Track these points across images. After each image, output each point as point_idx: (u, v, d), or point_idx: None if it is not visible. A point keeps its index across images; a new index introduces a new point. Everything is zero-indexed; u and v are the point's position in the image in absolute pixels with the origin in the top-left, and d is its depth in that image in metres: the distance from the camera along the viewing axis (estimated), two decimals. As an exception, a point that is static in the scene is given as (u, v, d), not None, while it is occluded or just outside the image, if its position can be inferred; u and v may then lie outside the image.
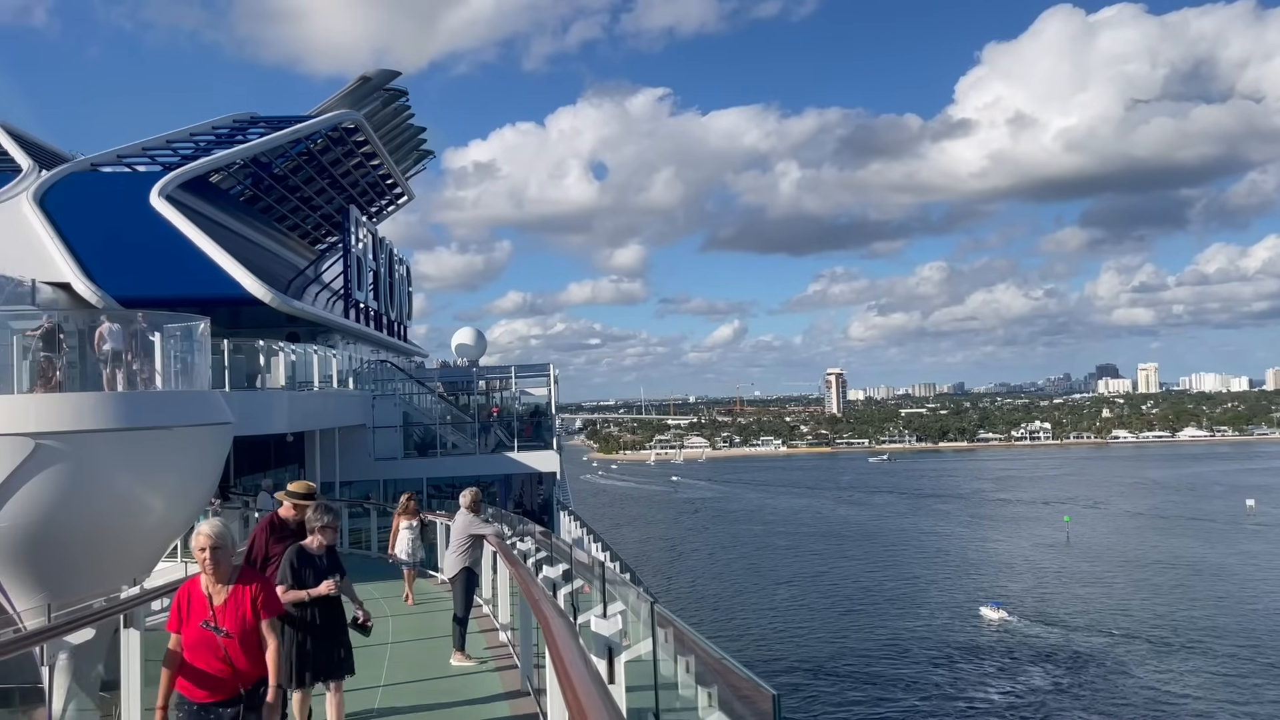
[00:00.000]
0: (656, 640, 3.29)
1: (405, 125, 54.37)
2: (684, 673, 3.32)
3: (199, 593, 5.73)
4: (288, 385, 27.32)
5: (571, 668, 3.03)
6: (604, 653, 4.14)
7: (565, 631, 3.85)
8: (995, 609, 66.58)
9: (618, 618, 4.29)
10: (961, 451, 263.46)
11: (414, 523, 15.92)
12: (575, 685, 2.78)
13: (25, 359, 17.03)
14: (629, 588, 4.68)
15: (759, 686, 2.61)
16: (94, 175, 36.86)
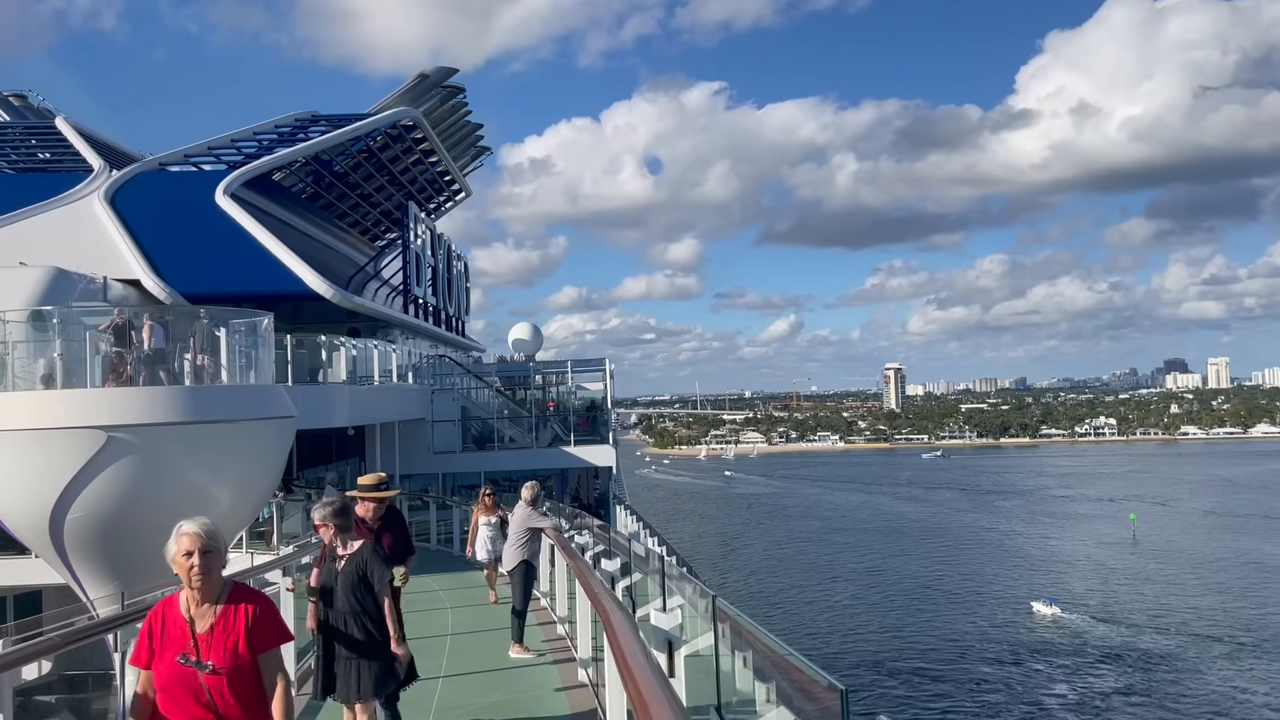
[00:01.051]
0: (718, 634, 3.24)
1: (463, 122, 54.84)
2: (743, 667, 3.28)
3: (177, 615, 4.19)
4: (349, 380, 27.74)
5: (632, 661, 3.01)
6: (664, 646, 4.12)
7: (625, 625, 3.83)
8: (1048, 604, 65.43)
9: (677, 611, 4.27)
10: (1023, 448, 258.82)
11: (493, 519, 15.27)
12: (636, 678, 2.76)
13: (97, 354, 17.51)
14: (688, 581, 4.65)
15: (826, 682, 2.54)
16: (162, 174, 37.76)
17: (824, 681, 2.53)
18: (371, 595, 6.32)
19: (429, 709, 8.11)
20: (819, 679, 2.60)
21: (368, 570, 6.33)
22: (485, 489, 16.23)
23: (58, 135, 40.94)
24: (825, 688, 2.53)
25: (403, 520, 8.22)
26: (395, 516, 8.17)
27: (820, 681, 2.59)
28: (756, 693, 3.13)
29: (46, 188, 34.32)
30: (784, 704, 2.81)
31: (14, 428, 14.96)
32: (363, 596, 6.31)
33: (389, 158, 46.39)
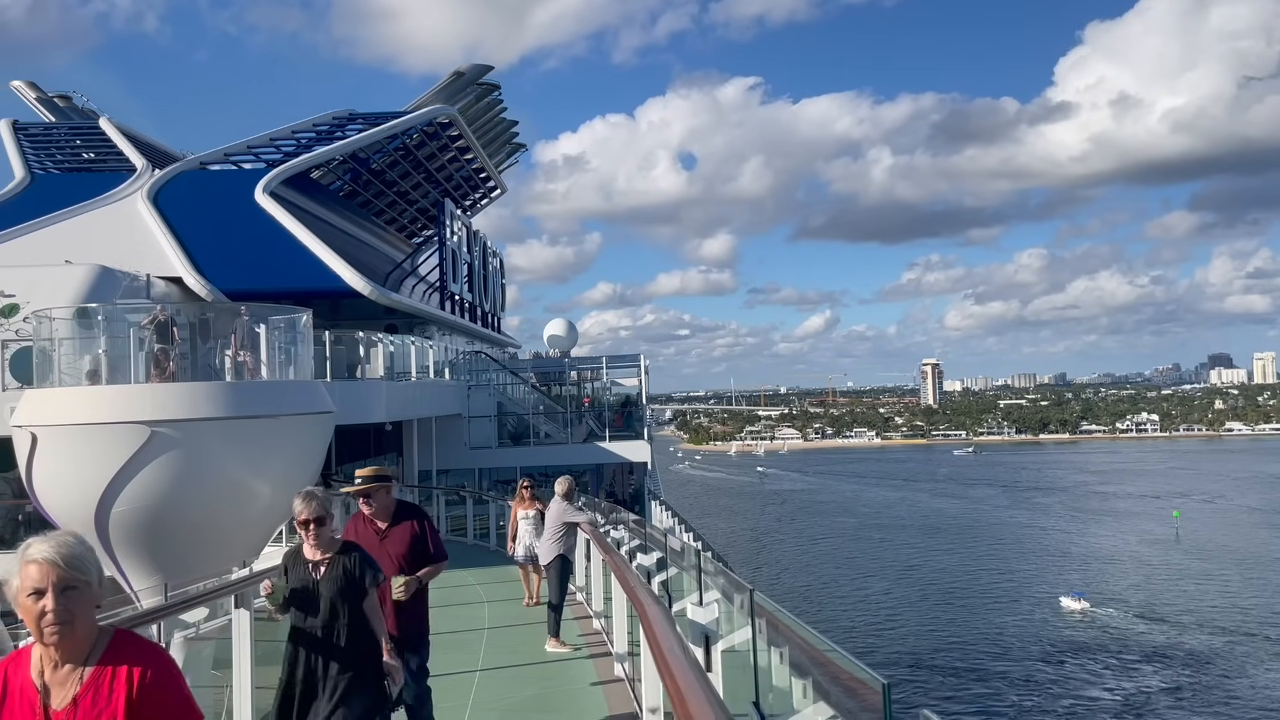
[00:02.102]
0: (755, 629, 3.20)
1: (498, 119, 55.06)
2: (780, 662, 3.25)
3: (25, 682, 2.78)
4: (386, 376, 27.95)
5: (670, 655, 2.99)
6: (700, 640, 4.10)
7: (662, 619, 3.82)
8: (1077, 599, 64.89)
9: (714, 606, 4.24)
10: (1063, 444, 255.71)
11: (530, 513, 14.11)
12: (674, 673, 2.74)
13: (140, 350, 17.78)
14: (724, 575, 4.63)
15: (868, 677, 2.50)
16: (203, 173, 38.29)
17: (866, 676, 2.48)
18: (361, 606, 5.28)
19: (465, 704, 8.16)
20: (861, 674, 2.55)
21: (358, 575, 5.31)
22: (523, 481, 15.17)
23: (102, 135, 41.63)
24: (867, 683, 2.49)
25: (427, 522, 6.65)
26: (414, 518, 6.64)
27: (862, 676, 2.54)
28: (794, 688, 3.10)
29: (91, 187, 34.92)
30: (822, 699, 2.77)
31: (60, 423, 15.24)
32: (353, 607, 5.24)
33: (425, 155, 46.69)
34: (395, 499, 6.53)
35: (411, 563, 6.35)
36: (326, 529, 5.41)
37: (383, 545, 6.23)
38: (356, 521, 6.53)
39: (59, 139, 42.64)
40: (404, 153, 45.21)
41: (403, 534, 6.40)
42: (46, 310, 17.82)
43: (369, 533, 6.35)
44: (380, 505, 6.41)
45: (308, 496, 5.44)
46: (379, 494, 6.44)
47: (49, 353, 17.45)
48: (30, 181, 37.27)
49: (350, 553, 5.43)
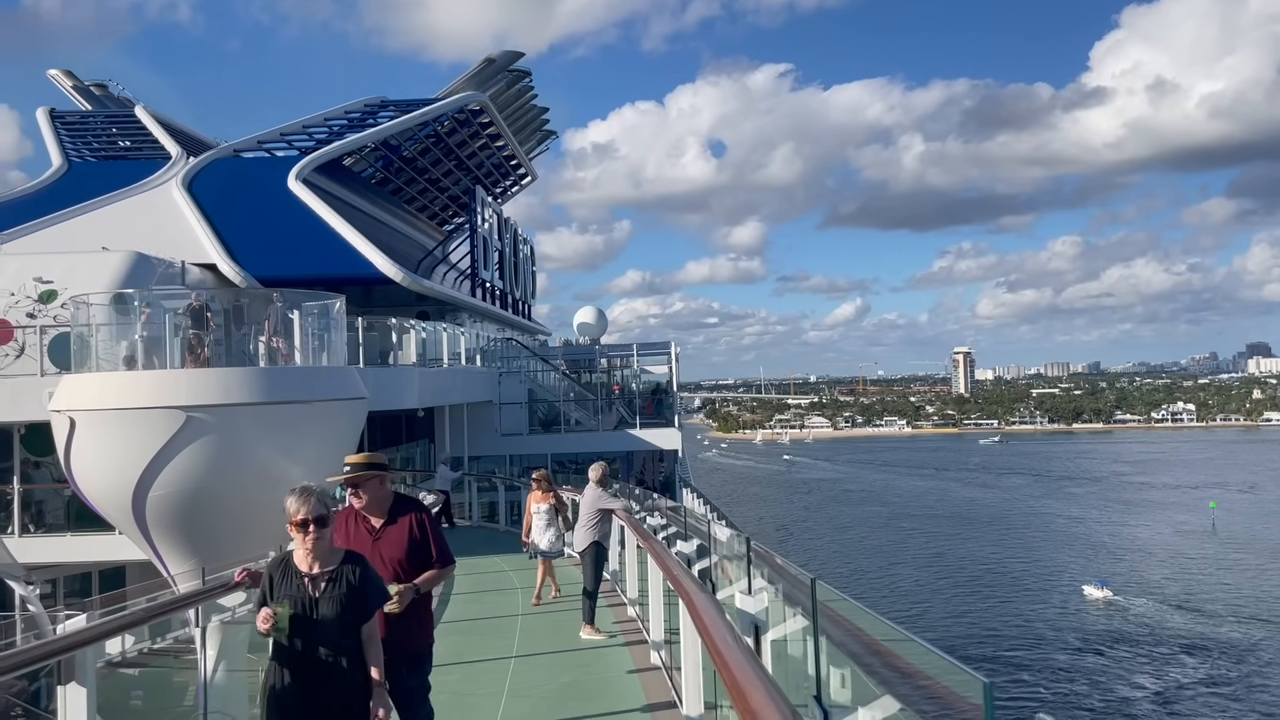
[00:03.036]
0: (817, 617, 3.04)
1: (529, 106, 54.98)
2: (841, 654, 3.12)
3: None
4: (418, 362, 28.02)
5: (725, 647, 2.86)
6: (749, 631, 3.98)
7: (712, 609, 3.69)
8: (1100, 587, 64.39)
9: (763, 594, 4.11)
10: (1096, 433, 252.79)
11: (543, 506, 13.00)
12: (732, 666, 2.61)
13: (176, 336, 17.89)
14: (767, 563, 4.48)
15: (958, 674, 2.30)
16: (236, 161, 38.50)
17: (955, 672, 2.29)
18: (361, 632, 4.46)
19: (501, 692, 8.10)
20: (949, 670, 2.34)
21: (364, 593, 4.47)
22: (536, 470, 13.94)
23: (137, 123, 41.98)
24: (944, 678, 2.31)
25: (428, 519, 5.62)
26: (413, 514, 5.58)
27: (944, 671, 2.36)
28: (857, 682, 2.96)
29: (127, 175, 35.23)
30: (892, 695, 2.62)
31: (97, 407, 15.36)
32: (351, 630, 4.43)
33: (456, 142, 46.72)
34: (391, 492, 5.59)
35: (409, 567, 5.38)
36: (329, 534, 4.52)
37: (375, 546, 5.30)
38: (345, 519, 5.50)
39: (95, 127, 43.04)
40: (435, 140, 45.25)
41: (399, 533, 5.42)
42: (84, 296, 17.96)
43: (360, 532, 5.41)
44: (373, 499, 5.43)
45: (304, 493, 4.49)
46: (371, 485, 5.42)
47: (86, 338, 17.59)
48: (67, 169, 37.68)
49: (354, 565, 4.51)
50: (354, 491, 5.41)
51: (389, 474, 5.58)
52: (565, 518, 13.34)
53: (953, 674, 2.28)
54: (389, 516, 5.46)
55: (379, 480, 5.46)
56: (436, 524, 5.65)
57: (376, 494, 5.44)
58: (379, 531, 5.41)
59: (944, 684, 2.31)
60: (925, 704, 2.51)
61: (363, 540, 5.32)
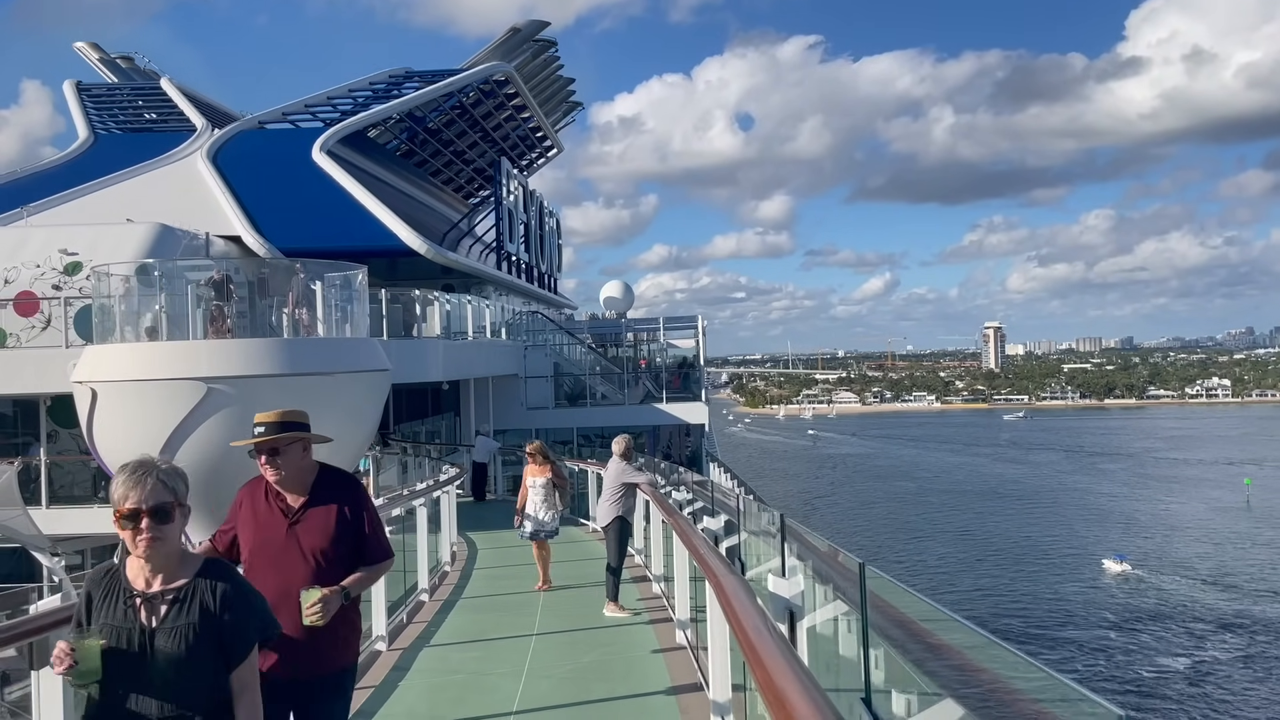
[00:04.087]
0: (866, 606, 2.68)
1: (555, 77, 54.43)
2: (895, 651, 2.76)
3: None
4: (442, 335, 27.83)
5: (756, 638, 2.53)
6: (783, 616, 3.65)
7: (741, 592, 3.35)
8: (1119, 561, 63.91)
9: (798, 576, 3.78)
10: (1129, 409, 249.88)
11: (539, 480, 11.99)
12: (766, 663, 2.28)
13: (198, 308, 17.74)
14: (797, 540, 4.12)
15: (1083, 704, 1.70)
16: (261, 133, 38.35)
17: (1081, 702, 1.74)
18: (228, 678, 2.97)
19: (520, 671, 7.84)
20: (1072, 697, 1.77)
21: (230, 623, 2.97)
22: (532, 443, 12.82)
23: (163, 96, 41.92)
24: (1077, 710, 1.75)
25: (364, 499, 4.27)
26: (344, 492, 4.21)
27: (1070, 699, 1.77)
28: (909, 681, 2.60)
29: (152, 147, 35.19)
30: (955, 700, 2.25)
31: (120, 379, 15.22)
32: (207, 677, 2.93)
33: (482, 114, 46.32)
34: (317, 463, 4.22)
35: (335, 563, 4.05)
36: (172, 532, 2.99)
37: (292, 534, 4.04)
38: (251, 494, 4.25)
39: (121, 100, 43.03)
40: (460, 111, 44.88)
41: (325, 517, 4.07)
42: (105, 266, 17.82)
43: (273, 514, 4.11)
44: (292, 470, 4.10)
45: (137, 472, 2.98)
46: (292, 453, 4.10)
47: (108, 309, 17.46)
48: (94, 141, 37.69)
49: (218, 580, 3.00)
50: (268, 460, 4.10)
51: (312, 439, 4.19)
52: (564, 493, 12.52)
53: (1062, 699, 1.81)
54: (312, 495, 4.12)
55: (301, 446, 4.14)
56: (373, 506, 4.32)
57: (297, 463, 4.11)
58: (298, 514, 4.08)
59: (1025, 694, 1.89)
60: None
61: (276, 525, 4.08)
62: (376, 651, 8.58)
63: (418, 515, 11.53)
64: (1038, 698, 1.86)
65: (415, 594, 11.10)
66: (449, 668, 8.20)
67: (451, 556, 14.13)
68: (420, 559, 11.50)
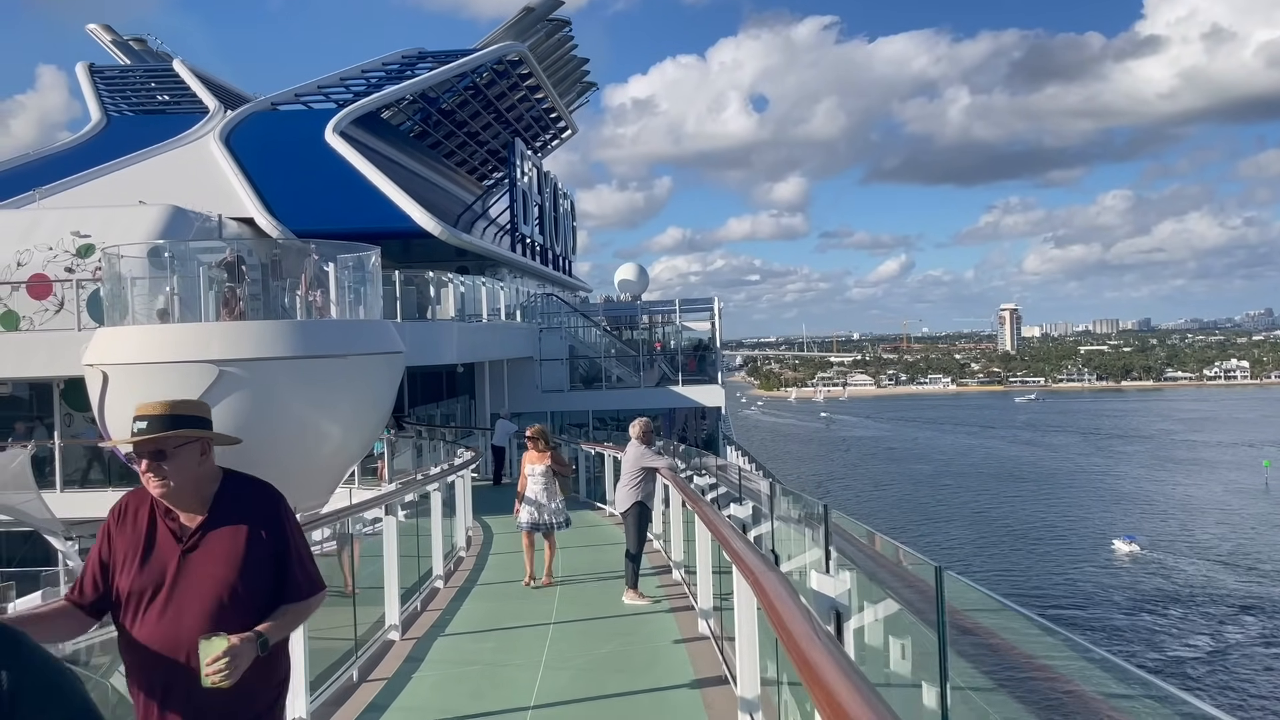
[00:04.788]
0: (944, 615, 2.36)
1: (568, 57, 53.93)
2: (966, 661, 2.47)
3: None
4: (457, 317, 27.61)
5: (808, 646, 2.24)
6: (828, 618, 3.36)
7: (785, 593, 3.04)
8: (1128, 542, 63.58)
9: (845, 574, 3.47)
10: (1146, 391, 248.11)
11: (539, 468, 11.49)
12: (824, 679, 2.00)
13: (210, 290, 17.55)
14: (858, 535, 3.81)
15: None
16: (273, 114, 38.09)
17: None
18: None
19: (538, 663, 7.58)
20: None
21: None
22: (532, 428, 12.19)
23: (175, 78, 41.70)
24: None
25: (285, 516, 3.19)
26: (259, 508, 3.17)
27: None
28: (990, 702, 2.31)
29: (165, 129, 35.00)
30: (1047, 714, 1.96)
31: (130, 361, 15.04)
32: None
33: (495, 94, 45.92)
34: (221, 469, 3.19)
35: (246, 601, 3.01)
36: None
37: (187, 564, 2.99)
38: (130, 514, 3.09)
39: (134, 81, 42.82)
40: (474, 92, 44.49)
41: (230, 542, 3.03)
42: (115, 247, 17.64)
43: (159, 538, 3.03)
44: (184, 480, 3.04)
45: None
46: (182, 457, 3.03)
47: (119, 292, 17.29)
48: (106, 124, 37.52)
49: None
50: (150, 467, 3.00)
51: (212, 438, 3.13)
52: (565, 482, 11.82)
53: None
54: (213, 512, 3.05)
55: (198, 449, 3.08)
56: (298, 524, 3.23)
57: (193, 472, 3.05)
58: (195, 537, 3.01)
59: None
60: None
61: (164, 552, 3.00)
62: (389, 641, 8.35)
63: (432, 500, 11.30)
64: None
65: (430, 580, 10.89)
66: (464, 658, 7.97)
67: (467, 542, 13.91)
68: (435, 545, 11.28)
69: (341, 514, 8.00)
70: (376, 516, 8.66)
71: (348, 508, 8.62)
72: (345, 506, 8.67)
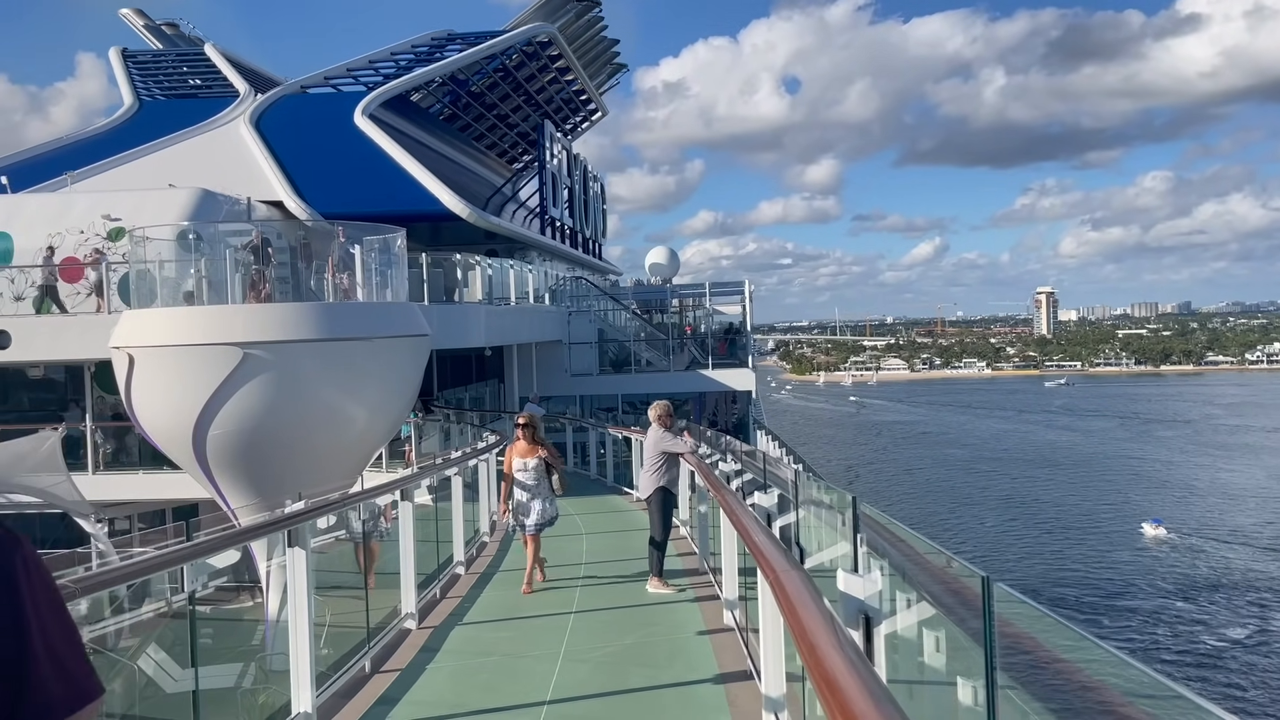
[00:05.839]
0: (993, 638, 2.06)
1: (598, 38, 53.48)
2: (1013, 679, 2.17)
3: None
4: (485, 300, 27.43)
5: (828, 658, 1.98)
6: (855, 621, 3.07)
7: (807, 596, 2.77)
8: (1155, 525, 63.05)
9: (876, 575, 3.17)
10: (1186, 375, 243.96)
11: (530, 461, 10.17)
12: (841, 689, 1.74)
13: (237, 272, 17.46)
14: (885, 531, 3.48)
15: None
16: (303, 97, 38.04)
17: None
18: None
19: (557, 654, 7.35)
20: None
21: None
22: (521, 414, 10.98)
23: (207, 62, 41.76)
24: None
25: (17, 572, 1.50)
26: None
27: None
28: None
29: (196, 113, 35.04)
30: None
31: (156, 344, 14.98)
32: None
33: (525, 76, 45.61)
34: None
35: None
36: None
37: None
38: None
39: (166, 66, 42.95)
40: (503, 74, 44.22)
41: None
42: (142, 230, 17.59)
43: None
44: None
45: None
46: None
47: (145, 274, 17.25)
48: (138, 108, 37.66)
49: None
50: None
51: None
52: (562, 475, 10.53)
53: None
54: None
55: None
56: (53, 584, 1.60)
57: None
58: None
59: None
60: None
61: None
62: (405, 630, 8.15)
63: (453, 484, 11.08)
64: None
65: (450, 567, 10.68)
66: (481, 649, 7.74)
67: (490, 528, 13.71)
68: (456, 530, 11.08)
69: (354, 499, 7.80)
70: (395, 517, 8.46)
71: (360, 493, 8.41)
72: (357, 492, 8.45)
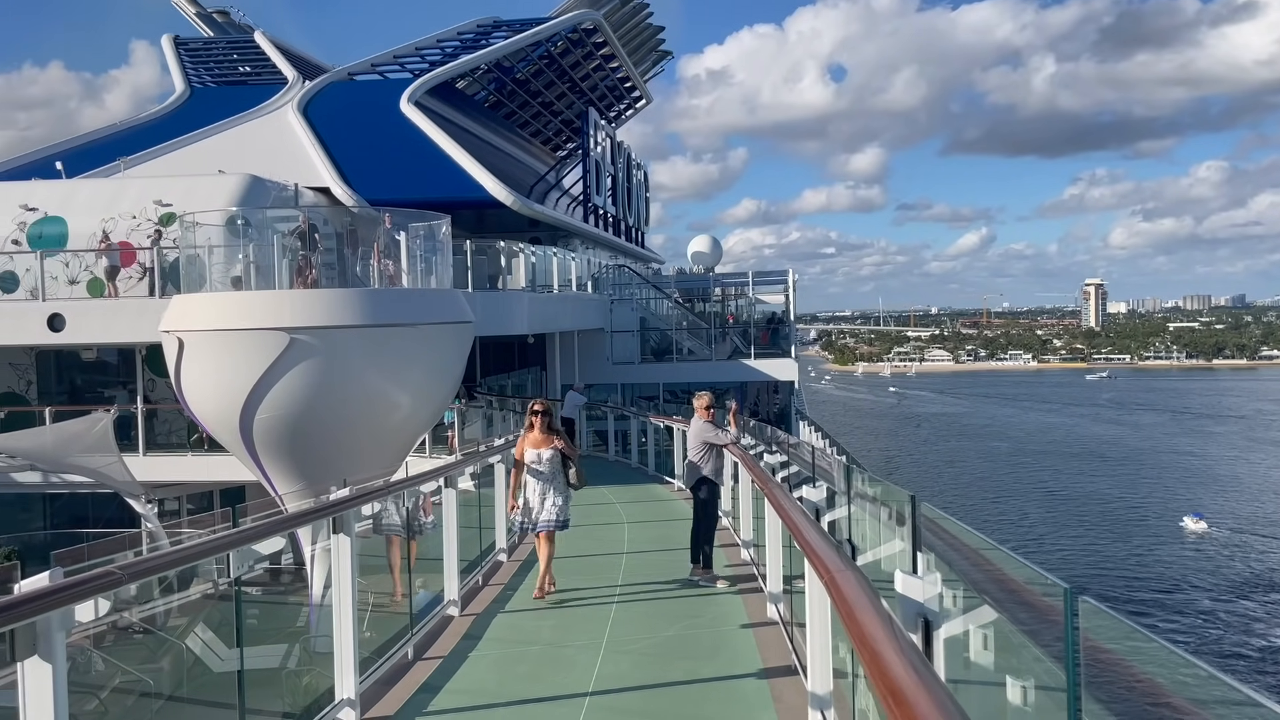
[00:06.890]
0: (1076, 653, 1.95)
1: (643, 24, 53.25)
2: (1045, 668, 2.09)
3: None
4: (528, 287, 27.48)
5: (889, 664, 1.90)
6: (914, 625, 2.97)
7: (865, 599, 2.68)
8: (1196, 519, 62.61)
9: (935, 577, 3.06)
10: (1240, 370, 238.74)
11: (545, 453, 9.30)
12: (909, 701, 1.66)
13: (284, 258, 17.61)
14: (953, 532, 3.37)
15: None
16: (350, 84, 38.29)
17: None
18: None
19: (599, 645, 7.31)
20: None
21: None
22: (534, 403, 9.91)
23: (256, 49, 42.17)
24: None
25: None
26: None
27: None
28: None
29: (245, 99, 35.43)
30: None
31: (204, 328, 15.16)
32: None
33: (569, 63, 45.55)
34: None
35: None
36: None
37: None
38: None
39: (217, 53, 43.45)
40: (548, 61, 44.18)
41: None
42: (192, 216, 17.80)
43: None
44: None
45: None
46: None
47: (194, 259, 17.46)
48: (189, 95, 38.15)
49: None
50: None
51: None
52: (579, 468, 9.59)
53: None
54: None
55: None
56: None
57: None
58: None
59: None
60: None
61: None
62: (448, 617, 8.16)
63: (496, 471, 11.09)
64: None
65: (493, 554, 10.69)
66: (523, 637, 7.73)
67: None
68: (498, 517, 11.08)
69: (398, 486, 7.81)
70: (434, 518, 8.47)
71: (404, 480, 8.42)
72: (401, 479, 8.46)
